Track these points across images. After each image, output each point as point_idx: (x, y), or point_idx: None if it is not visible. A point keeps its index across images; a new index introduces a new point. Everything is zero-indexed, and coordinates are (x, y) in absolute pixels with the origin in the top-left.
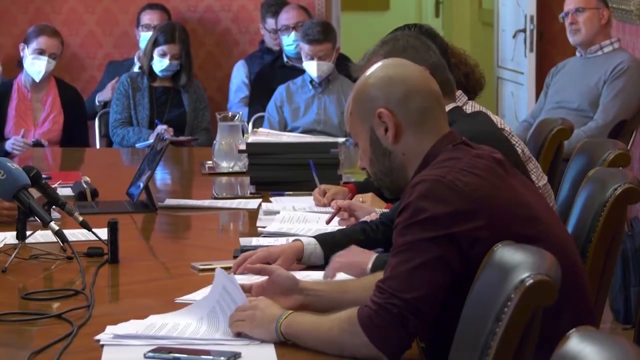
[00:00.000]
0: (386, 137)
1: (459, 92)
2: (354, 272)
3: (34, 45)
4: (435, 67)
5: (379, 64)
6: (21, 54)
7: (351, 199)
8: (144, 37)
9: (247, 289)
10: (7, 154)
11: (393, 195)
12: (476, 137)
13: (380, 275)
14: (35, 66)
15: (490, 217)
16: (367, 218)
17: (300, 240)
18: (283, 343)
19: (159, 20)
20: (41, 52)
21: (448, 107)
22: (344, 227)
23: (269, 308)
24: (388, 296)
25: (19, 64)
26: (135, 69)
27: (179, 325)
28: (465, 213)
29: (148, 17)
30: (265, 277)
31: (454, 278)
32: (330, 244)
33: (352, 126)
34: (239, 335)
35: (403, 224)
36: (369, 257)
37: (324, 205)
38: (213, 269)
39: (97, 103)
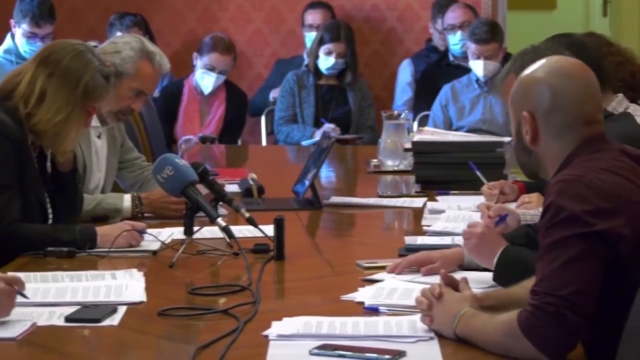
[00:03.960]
0: (527, 137)
1: (619, 96)
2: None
3: (205, 59)
4: None
5: (550, 61)
6: (194, 62)
7: (519, 196)
8: (309, 37)
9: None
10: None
11: (527, 176)
12: (621, 138)
13: None
14: (205, 80)
15: (630, 215)
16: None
17: (461, 246)
18: (449, 343)
19: (322, 19)
20: (212, 68)
21: None
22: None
23: (450, 304)
24: (543, 296)
25: (192, 65)
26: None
27: (335, 322)
28: (605, 211)
29: (311, 17)
30: None
31: (605, 272)
32: None
33: (510, 107)
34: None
35: (546, 225)
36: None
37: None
38: (378, 267)
39: (271, 99)
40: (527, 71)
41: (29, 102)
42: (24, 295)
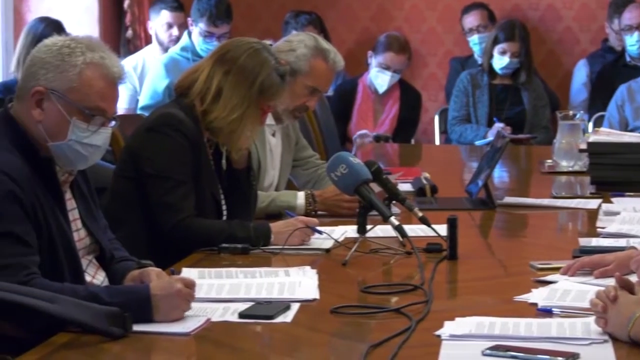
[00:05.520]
0: None
1: None
2: None
3: (380, 58)
4: None
5: None
6: (368, 60)
7: None
8: (472, 41)
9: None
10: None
11: None
12: None
13: None
14: (379, 79)
15: None
16: None
17: (636, 248)
18: (623, 346)
19: (480, 19)
20: (386, 67)
21: None
22: None
23: (625, 307)
24: None
25: (366, 63)
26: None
27: (508, 323)
28: None
29: (469, 21)
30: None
31: None
32: None
33: None
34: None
35: None
36: None
37: None
38: (552, 268)
39: None
40: None
41: (205, 99)
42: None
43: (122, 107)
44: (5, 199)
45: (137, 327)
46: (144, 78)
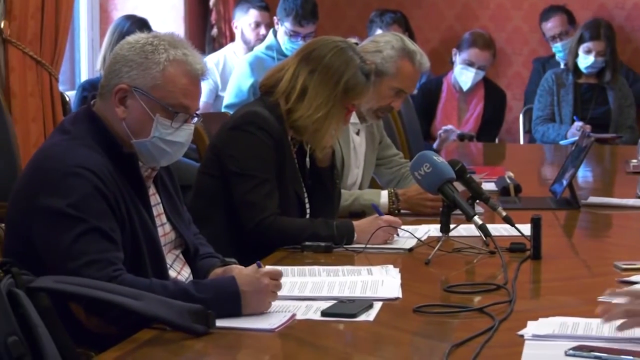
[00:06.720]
0: None
1: None
2: None
3: (464, 55)
4: None
5: None
6: (453, 58)
7: None
8: (555, 48)
9: None
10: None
11: None
12: None
13: None
14: (463, 76)
15: None
16: None
17: None
18: None
19: (560, 25)
20: (471, 63)
21: None
22: None
23: None
24: None
25: (450, 62)
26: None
27: (592, 323)
28: None
29: (549, 27)
30: None
31: None
32: None
33: None
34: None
35: None
36: None
37: None
38: (636, 269)
39: None
40: None
41: (290, 98)
42: None
43: (200, 100)
44: (92, 195)
45: (220, 323)
46: (225, 75)
